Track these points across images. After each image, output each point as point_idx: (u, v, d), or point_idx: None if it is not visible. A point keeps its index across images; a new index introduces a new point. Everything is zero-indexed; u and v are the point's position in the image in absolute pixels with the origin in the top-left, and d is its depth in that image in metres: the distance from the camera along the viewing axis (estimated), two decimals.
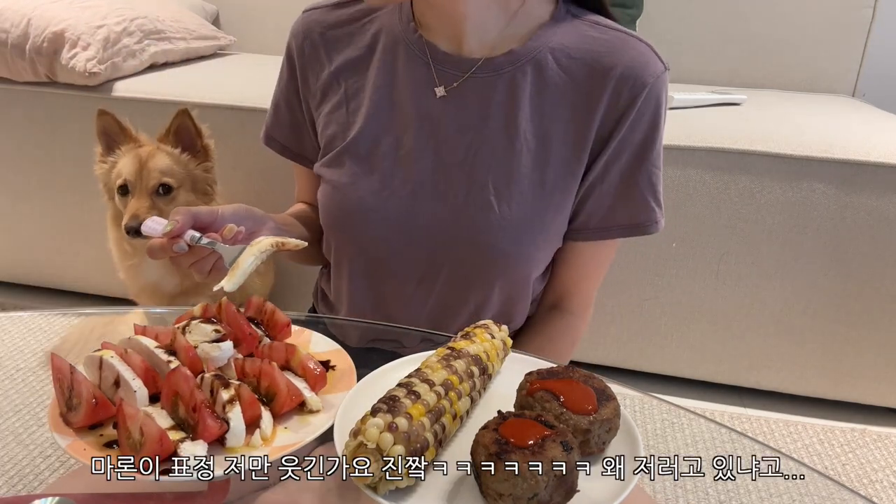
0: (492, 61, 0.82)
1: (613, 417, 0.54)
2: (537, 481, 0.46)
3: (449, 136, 0.83)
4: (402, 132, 0.85)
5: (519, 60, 0.82)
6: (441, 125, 0.83)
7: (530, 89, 0.82)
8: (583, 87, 0.81)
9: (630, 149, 0.82)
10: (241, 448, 0.54)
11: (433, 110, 0.83)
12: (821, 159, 1.50)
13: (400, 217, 0.85)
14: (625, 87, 0.80)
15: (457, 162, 0.83)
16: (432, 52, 0.84)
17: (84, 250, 1.88)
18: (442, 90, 0.83)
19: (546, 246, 0.86)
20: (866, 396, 1.67)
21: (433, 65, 0.83)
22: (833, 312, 1.60)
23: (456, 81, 0.83)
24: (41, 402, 1.22)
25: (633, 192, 0.84)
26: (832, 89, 2.21)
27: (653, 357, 1.72)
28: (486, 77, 0.82)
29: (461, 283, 0.87)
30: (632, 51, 0.81)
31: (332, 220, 0.90)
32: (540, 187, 0.82)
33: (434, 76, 0.83)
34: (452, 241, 0.84)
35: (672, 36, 2.26)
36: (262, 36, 2.30)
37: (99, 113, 1.31)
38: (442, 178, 0.84)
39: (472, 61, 0.82)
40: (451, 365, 0.57)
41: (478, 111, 0.82)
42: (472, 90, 0.83)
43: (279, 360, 0.61)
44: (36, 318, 1.54)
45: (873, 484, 1.44)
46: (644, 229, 0.87)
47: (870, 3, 2.12)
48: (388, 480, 0.48)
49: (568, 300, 0.94)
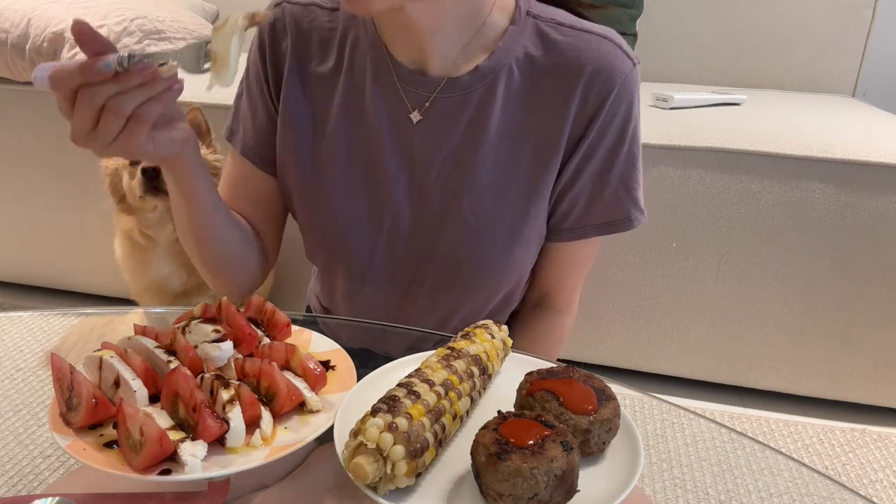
0: (457, 80, 0.80)
1: (613, 417, 0.54)
2: (537, 481, 0.46)
3: (422, 158, 0.82)
4: (376, 153, 0.83)
5: (485, 77, 0.80)
6: (413, 147, 0.82)
7: (499, 104, 0.80)
8: (550, 94, 0.80)
9: (601, 150, 0.82)
10: (241, 448, 0.54)
11: (404, 133, 0.82)
12: (821, 159, 1.50)
13: (382, 236, 0.85)
14: (592, 91, 0.78)
15: (431, 182, 0.83)
16: (398, 72, 0.81)
17: (84, 250, 1.88)
18: (417, 115, 0.81)
19: (528, 253, 0.87)
20: (866, 396, 1.67)
21: (400, 85, 0.81)
22: (833, 312, 1.60)
23: (426, 102, 0.81)
24: (41, 402, 1.22)
25: (605, 191, 0.84)
26: (832, 89, 2.22)
27: (653, 357, 1.72)
28: (455, 97, 0.80)
29: (448, 293, 0.88)
30: (596, 51, 0.79)
31: (316, 240, 0.90)
32: (516, 199, 0.83)
33: (403, 98, 0.81)
34: (435, 257, 0.85)
35: (672, 36, 2.26)
36: None
37: None
38: (419, 199, 0.84)
39: (437, 80, 0.80)
40: (451, 365, 0.57)
41: (449, 131, 0.81)
42: (441, 111, 0.81)
43: (279, 360, 0.61)
44: (36, 318, 1.54)
45: (873, 484, 1.44)
46: (619, 226, 0.86)
47: (870, 3, 2.12)
48: (388, 480, 0.48)
49: (552, 297, 0.94)
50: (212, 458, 0.53)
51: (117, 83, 0.58)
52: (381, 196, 0.85)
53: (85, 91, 0.59)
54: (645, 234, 1.60)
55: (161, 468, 0.51)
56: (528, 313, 0.96)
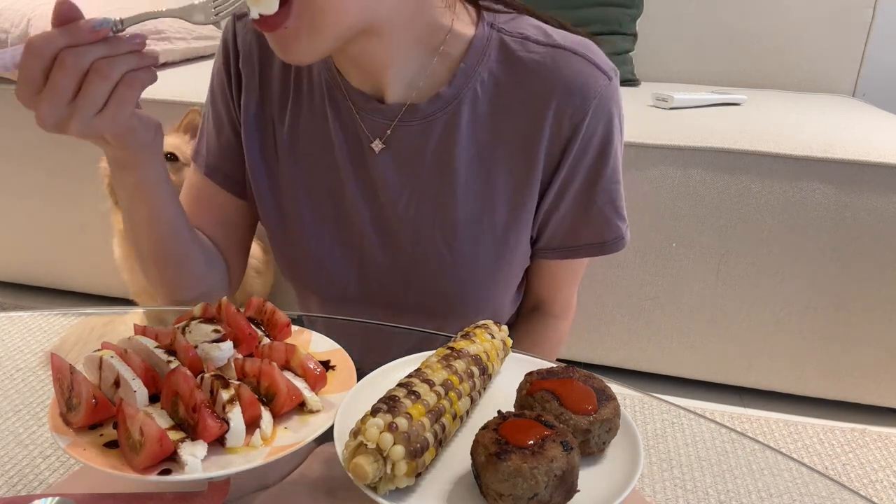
0: (417, 107, 0.75)
1: (613, 417, 0.54)
2: (537, 481, 0.46)
3: (386, 190, 0.78)
4: (337, 182, 0.79)
5: (447, 104, 0.74)
6: (376, 178, 0.78)
7: (465, 132, 0.75)
8: (520, 119, 0.75)
9: (582, 170, 0.77)
10: (241, 448, 0.54)
11: (366, 163, 0.78)
12: (821, 159, 1.50)
13: (353, 268, 0.83)
14: (565, 114, 0.73)
15: (399, 218, 0.79)
16: (353, 98, 0.76)
17: (84, 250, 1.88)
18: (379, 143, 0.76)
19: (511, 276, 0.84)
20: (866, 396, 1.67)
21: (358, 114, 0.76)
22: (833, 312, 1.60)
23: (387, 130, 0.76)
24: (41, 402, 1.22)
25: (592, 212, 0.80)
26: (832, 89, 2.22)
27: (653, 357, 1.72)
28: (417, 125, 0.75)
29: (429, 320, 0.84)
30: (566, 70, 0.73)
31: (287, 265, 0.87)
32: (493, 230, 0.79)
33: (362, 125, 0.77)
34: (411, 289, 0.82)
35: (672, 36, 2.27)
36: None
37: None
38: (386, 232, 0.80)
39: (398, 107, 0.75)
40: (451, 365, 0.57)
41: (413, 161, 0.77)
42: (402, 140, 0.76)
43: (279, 360, 0.61)
44: (36, 318, 1.54)
45: (873, 484, 1.44)
46: (610, 247, 0.83)
47: (870, 3, 2.12)
48: (388, 480, 0.48)
49: (548, 305, 0.93)
50: (212, 458, 0.53)
51: (107, 45, 0.55)
52: (349, 225, 0.81)
53: (68, 53, 0.54)
54: (645, 234, 1.60)
55: (161, 468, 0.51)
56: (524, 318, 0.94)
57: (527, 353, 0.70)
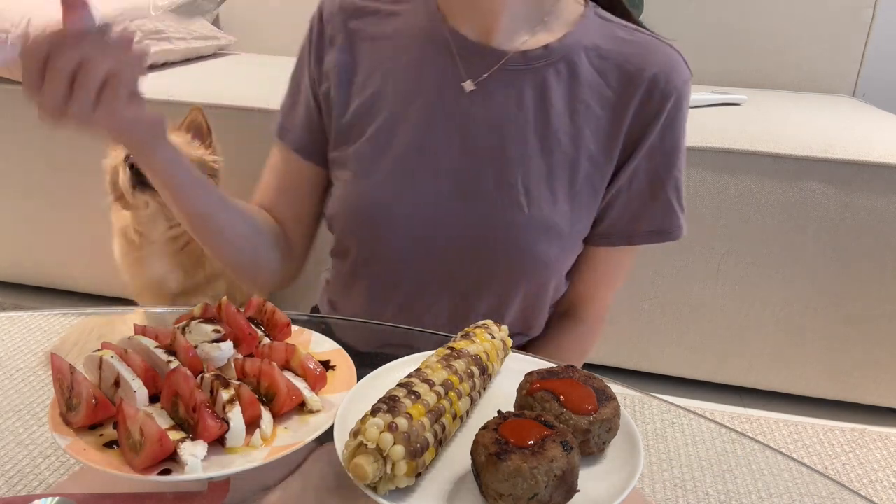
0: (525, 55, 0.79)
1: (613, 417, 0.54)
2: (537, 481, 0.46)
3: (477, 132, 0.80)
4: (425, 126, 0.81)
5: (553, 56, 0.79)
6: (468, 120, 0.80)
7: (564, 87, 0.80)
8: (615, 88, 0.80)
9: (659, 154, 0.81)
10: (241, 448, 0.54)
11: (459, 104, 0.80)
12: (821, 159, 1.50)
13: (422, 215, 0.81)
14: (655, 91, 0.79)
15: (485, 159, 0.80)
16: (458, 43, 0.80)
17: (84, 250, 1.88)
18: (470, 84, 0.79)
19: (571, 248, 0.85)
20: (866, 396, 1.67)
21: (459, 55, 0.80)
22: (833, 312, 1.60)
23: (484, 74, 0.79)
24: (41, 402, 1.22)
25: (659, 197, 0.83)
26: (832, 89, 2.22)
27: (653, 357, 1.72)
28: (518, 70, 0.79)
29: (483, 287, 0.83)
30: (662, 55, 0.80)
31: (349, 219, 0.85)
32: (570, 187, 0.80)
33: (460, 68, 0.80)
34: (477, 242, 0.81)
35: (672, 36, 2.26)
36: (262, 36, 2.30)
37: None
38: (468, 176, 0.80)
39: (502, 53, 0.79)
40: (451, 365, 0.57)
41: (508, 106, 0.79)
42: (502, 84, 0.79)
43: (279, 360, 0.61)
44: (36, 318, 1.54)
45: (873, 484, 1.44)
46: (668, 235, 0.85)
47: (870, 3, 2.12)
48: (388, 480, 0.48)
49: (582, 308, 0.92)
50: (212, 458, 0.53)
51: (94, 45, 0.58)
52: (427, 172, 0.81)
53: (57, 55, 0.57)
54: None
55: (161, 468, 0.51)
56: (554, 322, 0.93)
57: (530, 353, 0.70)
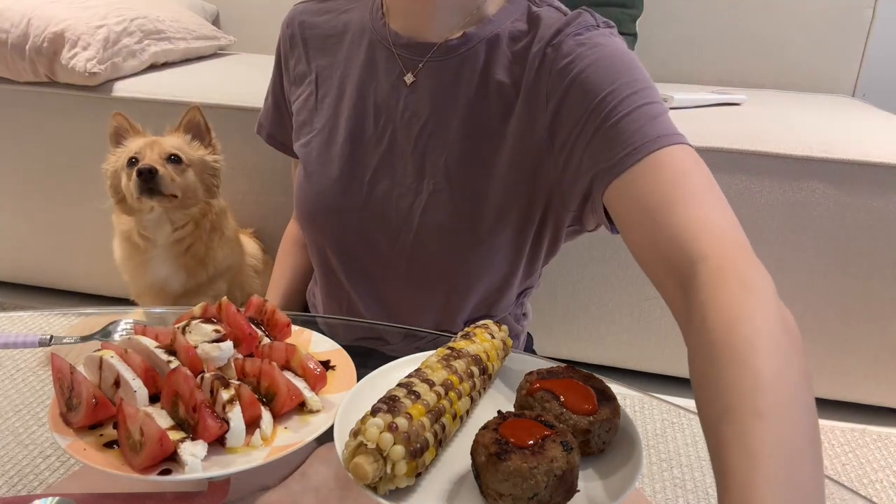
0: (446, 44, 0.83)
1: (613, 417, 0.54)
2: (537, 481, 0.46)
3: (405, 122, 0.84)
4: (362, 118, 0.87)
5: (471, 42, 0.82)
6: (398, 111, 0.85)
7: (481, 69, 0.82)
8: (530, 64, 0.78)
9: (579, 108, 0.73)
10: (241, 448, 0.54)
11: (391, 97, 0.85)
12: (821, 159, 1.50)
13: (358, 202, 0.86)
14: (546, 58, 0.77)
15: (411, 147, 0.84)
16: (394, 39, 0.85)
17: (84, 250, 1.88)
18: (411, 77, 0.84)
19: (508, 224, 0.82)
20: (866, 396, 1.67)
21: (395, 51, 0.85)
22: (833, 312, 1.60)
23: (418, 66, 0.84)
24: (41, 402, 1.22)
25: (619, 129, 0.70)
26: (832, 89, 2.21)
27: (653, 357, 1.72)
28: (441, 61, 0.83)
29: (426, 272, 0.87)
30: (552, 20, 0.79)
31: (300, 209, 0.92)
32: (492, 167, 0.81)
33: (398, 62, 0.85)
34: (408, 226, 0.85)
35: (672, 36, 2.26)
36: (262, 36, 2.30)
37: (114, 115, 1.31)
38: (397, 163, 0.85)
39: (430, 46, 0.83)
40: (451, 365, 0.57)
41: (432, 96, 0.83)
42: (427, 75, 0.84)
43: (279, 360, 0.61)
44: (36, 318, 1.54)
45: (873, 484, 1.44)
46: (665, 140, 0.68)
47: (870, 3, 2.12)
48: (388, 480, 0.48)
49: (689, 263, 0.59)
50: (212, 458, 0.53)
51: None
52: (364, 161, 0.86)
53: None
54: None
55: (161, 468, 0.51)
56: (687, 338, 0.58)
57: (526, 354, 0.70)
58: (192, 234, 1.32)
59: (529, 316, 1.04)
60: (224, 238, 1.39)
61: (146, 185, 1.22)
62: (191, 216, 1.31)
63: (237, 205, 1.55)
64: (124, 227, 1.37)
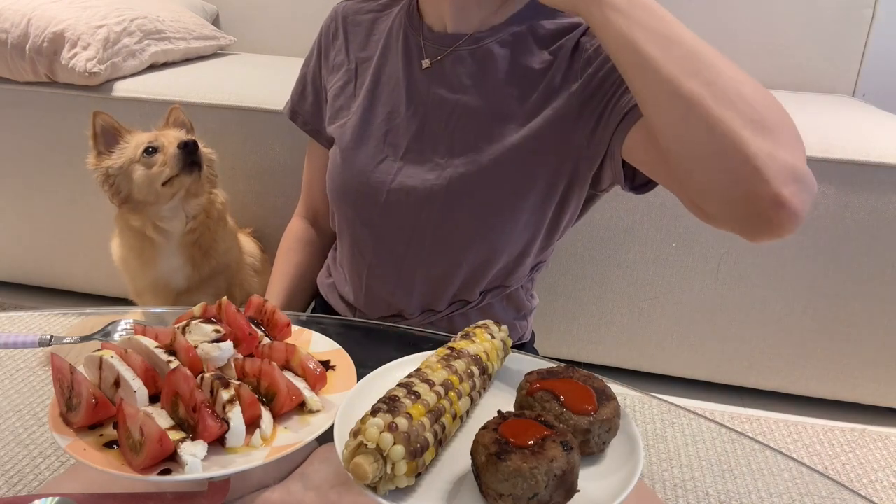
0: (475, 35, 0.90)
1: (613, 417, 0.54)
2: (537, 481, 0.46)
3: (434, 104, 0.91)
4: (396, 103, 0.94)
5: (498, 33, 0.89)
6: (427, 94, 0.92)
7: (510, 57, 0.89)
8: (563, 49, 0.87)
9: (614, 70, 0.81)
10: (241, 448, 0.54)
11: (420, 81, 0.92)
12: (821, 159, 1.50)
13: (390, 180, 0.92)
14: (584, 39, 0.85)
15: (440, 127, 0.91)
16: (424, 32, 0.93)
17: (84, 250, 1.88)
18: (427, 62, 0.92)
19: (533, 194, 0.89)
20: (866, 396, 1.67)
21: (423, 42, 0.93)
22: (833, 312, 1.60)
23: (441, 55, 0.91)
24: (41, 402, 1.22)
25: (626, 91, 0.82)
26: (832, 89, 2.21)
27: (653, 357, 1.72)
28: (468, 49, 0.90)
29: (452, 243, 0.92)
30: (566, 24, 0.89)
31: (333, 186, 0.98)
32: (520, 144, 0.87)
33: (423, 51, 0.93)
34: (436, 199, 0.90)
35: None
36: (262, 36, 2.30)
37: (95, 114, 1.30)
38: (427, 143, 0.91)
39: (458, 37, 0.91)
40: (451, 365, 0.57)
41: (457, 80, 0.90)
42: (453, 62, 0.91)
43: (279, 360, 0.61)
44: (36, 318, 1.54)
45: (873, 484, 1.44)
46: None
47: (870, 3, 2.12)
48: (388, 480, 0.48)
49: None
50: (212, 458, 0.53)
51: None
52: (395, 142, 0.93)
53: None
54: (645, 234, 1.60)
55: (161, 468, 0.51)
56: None
57: (527, 353, 0.70)
58: (202, 223, 1.35)
59: (536, 299, 1.07)
60: (227, 229, 1.41)
61: (189, 159, 1.23)
62: (202, 206, 1.33)
63: (236, 205, 1.54)
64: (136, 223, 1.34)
